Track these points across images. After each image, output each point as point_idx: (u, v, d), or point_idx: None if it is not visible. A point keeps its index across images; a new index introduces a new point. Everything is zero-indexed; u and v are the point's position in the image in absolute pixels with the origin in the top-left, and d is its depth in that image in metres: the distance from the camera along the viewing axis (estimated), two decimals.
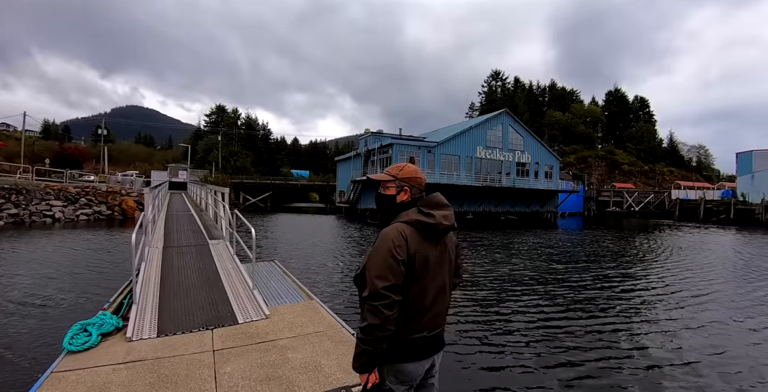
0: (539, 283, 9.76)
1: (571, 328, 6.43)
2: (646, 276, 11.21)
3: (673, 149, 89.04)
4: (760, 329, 6.61)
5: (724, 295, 8.93)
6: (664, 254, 16.30)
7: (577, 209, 49.30)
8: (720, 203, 46.87)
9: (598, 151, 74.82)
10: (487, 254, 14.66)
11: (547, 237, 21.81)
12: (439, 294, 1.85)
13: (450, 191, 32.05)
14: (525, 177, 37.76)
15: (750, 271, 12.46)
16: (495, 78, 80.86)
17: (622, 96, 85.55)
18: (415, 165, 2.03)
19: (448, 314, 1.98)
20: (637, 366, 5.11)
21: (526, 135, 38.69)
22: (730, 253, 17.31)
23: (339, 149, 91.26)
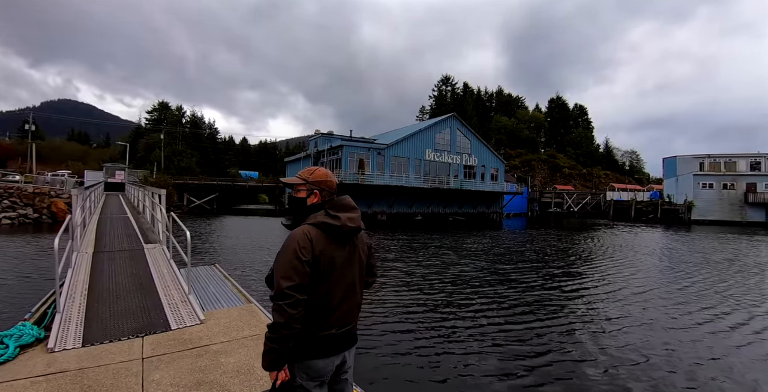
0: (484, 281, 10.22)
1: (510, 326, 6.83)
2: (586, 274, 12.04)
3: (609, 154, 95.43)
4: (694, 325, 7.27)
5: (659, 291, 9.80)
6: (602, 252, 17.58)
7: (521, 209, 51.45)
8: (649, 204, 50.86)
9: (541, 155, 78.52)
10: (435, 254, 15.10)
11: (493, 237, 22.71)
12: (348, 292, 1.93)
13: (399, 193, 32.50)
14: (472, 179, 38.96)
15: (679, 264, 13.78)
16: (445, 83, 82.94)
17: (564, 103, 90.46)
18: (365, 168, 2.13)
19: (360, 311, 2.08)
20: (575, 358, 5.53)
21: (473, 139, 39.96)
22: (660, 249, 19.10)
23: (290, 150, 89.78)
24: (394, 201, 32.90)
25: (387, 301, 8.04)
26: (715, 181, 47.74)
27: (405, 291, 8.89)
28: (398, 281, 9.95)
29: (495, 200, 42.01)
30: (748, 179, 47.01)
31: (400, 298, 8.31)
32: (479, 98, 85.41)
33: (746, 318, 7.67)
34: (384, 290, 8.87)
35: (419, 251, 15.64)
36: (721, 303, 8.71)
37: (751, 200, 45.41)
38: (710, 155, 50.45)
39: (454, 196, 36.95)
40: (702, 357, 5.67)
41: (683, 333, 6.72)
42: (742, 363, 5.48)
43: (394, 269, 11.50)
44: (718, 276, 11.97)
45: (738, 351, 5.94)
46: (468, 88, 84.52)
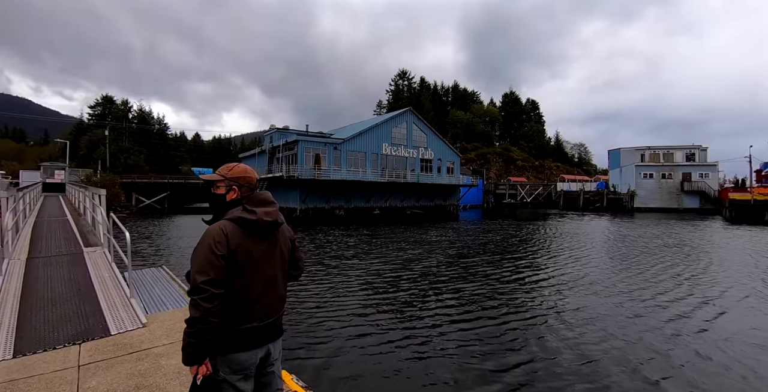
0: (441, 272, 10.50)
1: (467, 315, 7.12)
2: (541, 261, 12.66)
3: (559, 147, 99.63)
4: (649, 308, 7.84)
5: (612, 277, 10.48)
6: (556, 240, 18.55)
7: (477, 201, 52.78)
8: (596, 194, 53.65)
9: (496, 148, 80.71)
10: (393, 247, 15.34)
11: (450, 229, 23.24)
12: (269, 285, 1.99)
13: (357, 188, 32.57)
14: (429, 173, 39.58)
15: (631, 250, 14.73)
16: (402, 77, 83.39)
17: (517, 98, 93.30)
18: (322, 162, 2.17)
19: (285, 304, 2.14)
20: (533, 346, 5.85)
21: (430, 133, 40.53)
22: (610, 235, 20.64)
23: (246, 146, 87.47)
24: (351, 196, 32.94)
25: (341, 295, 8.16)
26: (654, 171, 50.93)
27: (361, 285, 9.04)
28: (355, 275, 10.08)
29: (451, 193, 42.91)
30: (684, 169, 50.48)
31: (356, 292, 8.46)
32: (436, 93, 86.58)
33: (700, 300, 8.41)
34: (340, 285, 8.99)
35: (377, 245, 15.86)
36: (676, 285, 9.52)
37: (687, 189, 48.96)
38: (650, 147, 53.54)
39: (411, 189, 37.44)
40: (660, 340, 6.11)
41: (638, 318, 7.25)
42: (699, 343, 6.00)
43: (352, 264, 11.60)
44: (667, 260, 12.95)
45: (693, 332, 6.41)
46: (425, 82, 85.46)
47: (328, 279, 9.52)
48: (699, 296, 8.55)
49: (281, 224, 2.09)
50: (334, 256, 12.83)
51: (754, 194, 34.41)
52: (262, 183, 32.97)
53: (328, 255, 13.07)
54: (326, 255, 13.07)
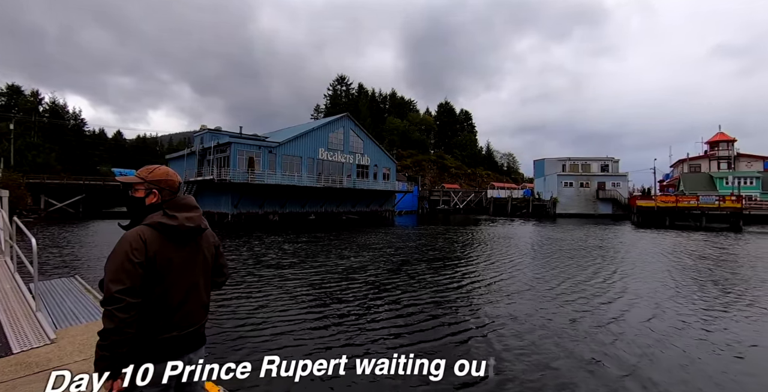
0: (375, 276, 10.59)
1: (400, 320, 7.20)
2: (479, 265, 13.03)
3: (490, 156, 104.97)
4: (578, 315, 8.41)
5: (541, 276, 11.10)
6: (490, 244, 19.40)
7: (412, 207, 53.92)
8: (522, 201, 57.35)
9: (431, 155, 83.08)
10: (328, 252, 15.26)
11: (386, 234, 23.53)
12: (190, 293, 1.92)
13: (292, 193, 32.05)
14: (365, 179, 39.86)
15: (556, 251, 15.64)
16: (341, 82, 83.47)
17: (451, 109, 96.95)
18: (255, 166, 2.10)
19: (208, 312, 2.08)
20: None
21: (367, 139, 40.88)
22: (536, 238, 21.87)
23: (174, 146, 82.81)
24: (286, 201, 32.34)
25: (279, 307, 7.97)
26: (574, 180, 55.38)
27: (301, 295, 8.88)
28: (293, 285, 9.89)
29: (387, 199, 43.51)
30: (600, 178, 55.49)
31: (295, 302, 8.30)
32: (373, 100, 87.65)
33: (620, 292, 9.35)
34: (278, 296, 8.78)
35: (316, 252, 15.69)
36: (602, 281, 10.33)
37: (602, 196, 53.96)
38: (571, 158, 57.80)
39: (347, 195, 37.49)
40: (586, 333, 6.61)
41: (562, 308, 7.78)
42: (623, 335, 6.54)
43: (290, 273, 11.39)
44: (590, 260, 14.00)
45: (616, 325, 7.00)
46: (363, 89, 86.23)
47: (265, 290, 9.14)
48: (619, 289, 9.61)
49: (204, 230, 2.04)
50: (271, 265, 12.35)
51: (657, 201, 38.59)
52: (191, 186, 31.44)
53: (264, 264, 12.59)
54: (263, 264, 12.57)
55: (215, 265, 2.15)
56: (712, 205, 35.53)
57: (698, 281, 11.06)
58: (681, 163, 60.40)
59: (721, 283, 10.79)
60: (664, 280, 11.16)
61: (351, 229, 27.50)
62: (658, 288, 9.91)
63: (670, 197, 40.43)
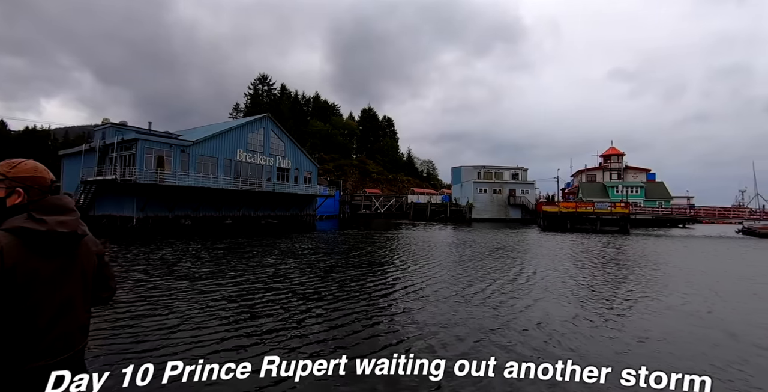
0: (294, 283, 10.25)
1: (316, 327, 6.99)
2: (403, 269, 13.08)
3: (411, 162, 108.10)
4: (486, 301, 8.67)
5: (463, 276, 11.40)
6: (409, 248, 19.66)
7: (333, 212, 53.67)
8: (441, 206, 59.89)
9: (353, 160, 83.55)
10: (244, 258, 14.52)
11: (306, 239, 23.06)
12: (63, 312, 1.64)
13: (207, 195, 30.34)
14: (286, 182, 38.90)
15: (475, 252, 16.27)
16: (262, 82, 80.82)
17: (374, 114, 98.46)
18: (166, 166, 1.81)
19: (87, 335, 1.80)
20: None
21: (288, 141, 39.98)
22: (455, 242, 22.78)
23: (70, 141, 74.41)
24: (200, 204, 30.51)
25: (194, 324, 7.38)
26: (488, 187, 59.15)
27: (211, 305, 8.29)
28: (205, 294, 9.23)
29: (308, 203, 42.83)
30: (511, 185, 59.94)
31: (214, 317, 7.74)
32: (296, 102, 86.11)
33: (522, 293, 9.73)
34: (194, 311, 8.12)
35: (231, 259, 14.87)
36: (516, 277, 10.79)
37: (512, 202, 58.38)
38: (485, 167, 61.46)
39: (266, 198, 36.28)
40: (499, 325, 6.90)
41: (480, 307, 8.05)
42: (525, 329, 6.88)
43: (207, 283, 10.64)
44: (505, 262, 14.75)
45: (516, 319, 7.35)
46: (286, 90, 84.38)
47: (177, 305, 8.15)
48: (538, 286, 10.23)
49: (83, 236, 1.74)
50: (185, 276, 11.22)
51: (560, 207, 42.64)
52: (89, 187, 28.49)
53: (176, 274, 11.41)
54: (174, 274, 11.40)
55: (98, 277, 1.85)
56: (606, 211, 40.12)
57: (597, 275, 12.54)
58: (580, 173, 66.96)
59: (615, 277, 12.40)
60: (570, 274, 12.49)
61: (271, 234, 26.63)
62: (565, 281, 10.86)
63: (571, 203, 44.75)
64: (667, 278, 12.54)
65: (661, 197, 56.33)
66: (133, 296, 8.60)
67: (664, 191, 58.15)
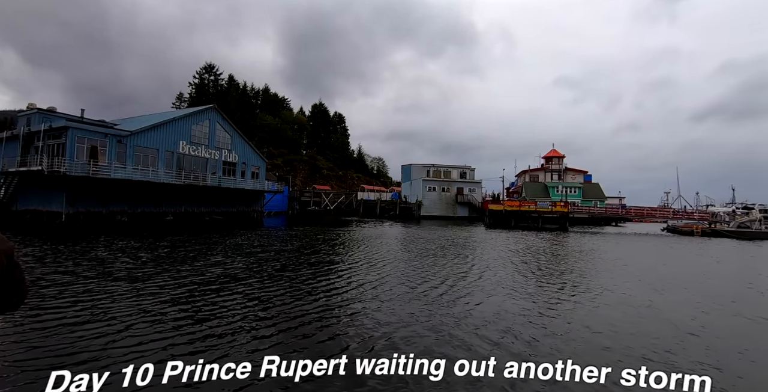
0: (239, 282, 9.77)
1: (265, 330, 6.66)
2: (352, 268, 12.88)
3: (361, 159, 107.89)
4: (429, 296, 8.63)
5: (412, 270, 11.33)
6: (361, 245, 19.65)
7: (282, 208, 52.48)
8: (390, 203, 60.30)
9: (303, 156, 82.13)
10: (196, 258, 13.71)
11: (253, 236, 22.27)
12: None
13: (146, 190, 28.60)
14: (232, 177, 37.46)
15: (427, 247, 16.32)
16: (209, 71, 77.15)
17: (325, 110, 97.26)
18: (100, 157, 1.52)
19: None
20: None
21: (235, 134, 38.49)
22: (406, 239, 23.14)
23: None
24: (138, 199, 28.68)
25: (125, 326, 6.79)
26: (437, 185, 60.41)
27: (155, 310, 7.68)
28: (147, 297, 8.57)
29: (256, 199, 41.55)
30: (459, 184, 61.57)
31: (146, 321, 7.16)
32: (245, 94, 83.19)
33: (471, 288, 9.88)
34: (125, 312, 7.49)
35: (175, 258, 14.00)
36: (464, 272, 10.95)
37: (460, 201, 60.04)
38: (434, 165, 62.61)
39: (211, 194, 34.76)
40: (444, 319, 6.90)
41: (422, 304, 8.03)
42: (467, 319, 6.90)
43: (141, 284, 9.90)
44: (455, 258, 14.92)
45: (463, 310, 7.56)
46: (234, 81, 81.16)
47: (114, 311, 7.40)
48: (488, 279, 10.51)
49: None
50: (123, 277, 10.31)
51: (505, 205, 44.69)
52: (10, 179, 25.94)
53: (113, 276, 10.42)
54: (111, 276, 10.39)
55: (6, 280, 1.66)
56: (547, 209, 42.39)
57: (544, 270, 13.55)
58: (524, 173, 69.87)
59: (562, 271, 13.48)
60: (519, 270, 13.25)
61: (217, 231, 25.49)
62: (515, 276, 11.26)
63: (515, 202, 46.72)
64: (607, 272, 13.82)
65: (597, 197, 60.24)
66: (64, 300, 7.85)
67: (600, 191, 62.19)
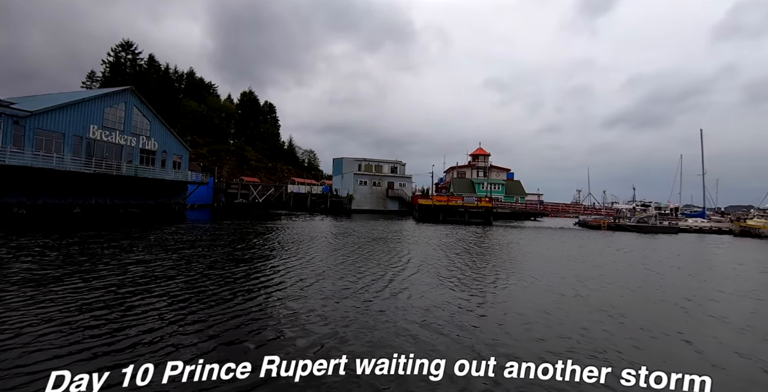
0: (155, 282, 8.90)
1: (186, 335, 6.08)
2: (278, 263, 12.27)
3: (292, 151, 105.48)
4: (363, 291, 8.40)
5: (332, 269, 10.99)
6: (292, 240, 18.94)
7: (206, 200, 49.77)
8: (321, 196, 59.83)
9: (230, 146, 78.33)
10: (112, 257, 12.30)
11: (173, 231, 20.70)
12: None
13: (49, 179, 25.57)
14: (151, 166, 34.70)
15: (356, 240, 16.06)
16: (126, 49, 70.35)
17: (255, 98, 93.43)
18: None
19: None
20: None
21: (155, 120, 35.63)
22: (336, 231, 22.88)
23: None
24: (39, 189, 25.54)
25: (29, 339, 5.85)
26: (368, 179, 60.86)
27: (64, 319, 6.71)
28: (54, 304, 7.49)
29: (178, 191, 38.91)
30: (390, 179, 62.50)
31: (55, 333, 6.23)
32: (167, 77, 77.22)
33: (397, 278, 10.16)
34: (29, 321, 6.46)
35: (86, 257, 12.51)
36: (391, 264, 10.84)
37: (391, 195, 61.02)
38: (366, 159, 62.85)
39: (127, 184, 31.93)
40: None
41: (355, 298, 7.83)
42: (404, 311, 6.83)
43: (48, 288, 8.64)
44: (382, 248, 14.86)
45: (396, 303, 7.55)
46: (155, 62, 74.91)
47: (13, 321, 6.41)
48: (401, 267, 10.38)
49: None
50: (24, 280, 8.97)
51: (434, 200, 46.46)
52: None
53: (10, 280, 8.98)
54: (7, 280, 8.96)
55: None
56: (473, 204, 44.66)
57: (476, 261, 14.54)
58: (452, 170, 72.39)
59: (485, 261, 14.55)
60: (453, 262, 14.01)
61: (135, 226, 23.42)
62: (449, 268, 11.41)
63: (443, 197, 48.48)
64: (533, 262, 15.29)
65: (518, 193, 64.28)
66: None
67: (521, 188, 66.36)
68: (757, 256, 22.20)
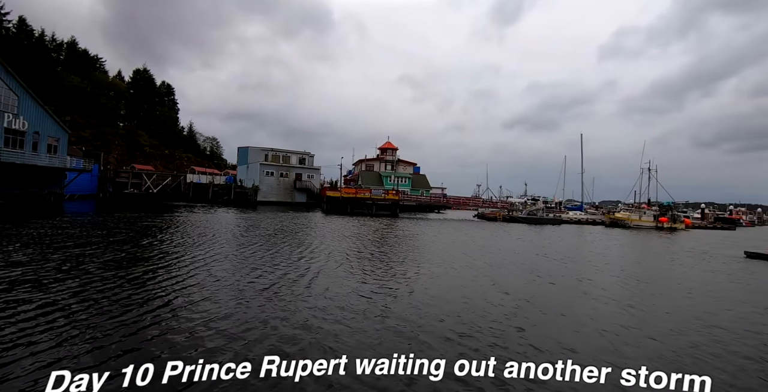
0: (61, 291, 7.42)
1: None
2: (180, 261, 11.03)
3: (192, 137, 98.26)
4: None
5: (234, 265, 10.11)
6: (190, 234, 17.65)
7: (90, 190, 44.34)
8: (224, 187, 56.94)
9: (120, 129, 70.62)
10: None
11: (47, 226, 17.86)
12: None
13: None
14: (19, 149, 29.76)
15: (261, 237, 15.06)
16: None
17: (151, 78, 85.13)
18: None
19: None
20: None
21: (25, 95, 30.55)
22: (240, 226, 21.89)
23: None
24: None
25: None
26: (275, 170, 59.21)
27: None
28: None
29: (54, 179, 33.90)
30: (297, 170, 61.46)
31: None
32: (42, 45, 66.49)
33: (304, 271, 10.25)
34: None
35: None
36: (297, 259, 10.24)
37: (298, 186, 60.22)
38: (273, 149, 60.89)
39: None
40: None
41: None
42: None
43: None
44: (290, 242, 14.24)
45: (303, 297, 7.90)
46: (26, 26, 63.99)
47: None
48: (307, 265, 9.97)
49: None
50: None
51: (342, 193, 46.54)
52: None
53: None
54: None
55: None
56: (380, 197, 45.95)
57: (386, 252, 15.45)
58: (361, 162, 73.01)
59: (394, 252, 15.95)
60: (362, 252, 14.93)
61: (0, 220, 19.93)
62: (360, 259, 11.34)
63: (352, 189, 49.03)
64: (440, 251, 16.49)
65: (423, 187, 67.07)
66: None
67: (426, 182, 69.33)
68: (621, 241, 26.76)
